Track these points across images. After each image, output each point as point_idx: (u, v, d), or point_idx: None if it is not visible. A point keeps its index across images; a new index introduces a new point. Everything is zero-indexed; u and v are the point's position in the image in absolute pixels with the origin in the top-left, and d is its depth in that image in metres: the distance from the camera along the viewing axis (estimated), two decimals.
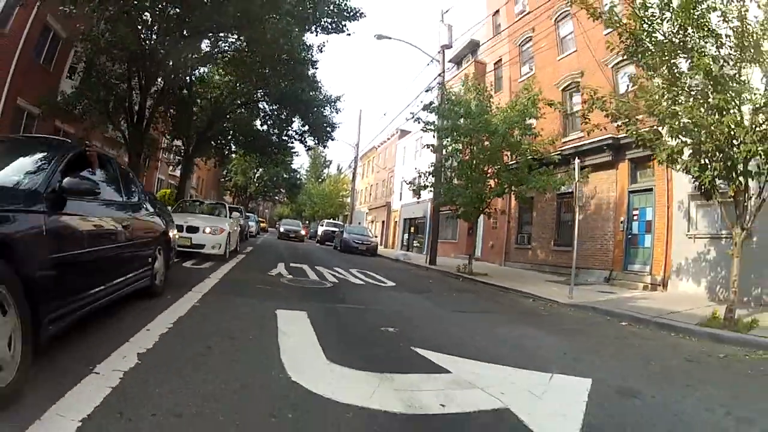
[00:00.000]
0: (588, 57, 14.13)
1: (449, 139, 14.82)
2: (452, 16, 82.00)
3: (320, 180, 61.47)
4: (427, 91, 19.72)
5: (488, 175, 13.93)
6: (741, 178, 6.43)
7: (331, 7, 13.81)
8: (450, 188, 14.46)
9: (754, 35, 6.17)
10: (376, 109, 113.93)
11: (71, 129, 15.23)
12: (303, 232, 30.36)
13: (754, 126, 6.13)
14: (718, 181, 6.80)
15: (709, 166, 6.62)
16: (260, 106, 21.51)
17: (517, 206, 17.97)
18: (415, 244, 30.20)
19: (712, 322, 6.55)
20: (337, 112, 22.14)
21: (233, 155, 30.84)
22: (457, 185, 14.36)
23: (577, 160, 9.91)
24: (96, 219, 3.25)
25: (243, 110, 21.55)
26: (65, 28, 13.89)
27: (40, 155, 2.95)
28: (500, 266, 18.10)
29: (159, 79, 14.62)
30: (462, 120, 13.68)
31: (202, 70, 19.03)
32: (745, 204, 6.69)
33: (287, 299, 6.14)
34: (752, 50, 6.23)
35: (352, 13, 14.42)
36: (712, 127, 6.14)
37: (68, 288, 2.67)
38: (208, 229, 9.52)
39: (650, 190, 12.56)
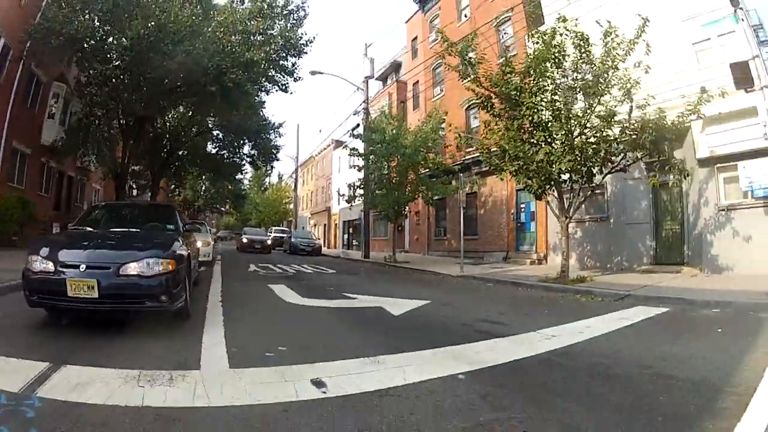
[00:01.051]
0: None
1: (372, 157, 18.50)
2: (379, 40, 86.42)
3: (263, 189, 63.34)
4: (354, 113, 23.41)
5: (403, 184, 17.79)
6: (555, 187, 10.35)
7: (286, 61, 16.80)
8: (374, 197, 18.25)
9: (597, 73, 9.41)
10: (312, 126, 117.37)
11: (54, 163, 17.70)
12: (269, 242, 25.47)
13: (564, 152, 9.81)
14: (547, 188, 10.56)
15: (532, 181, 10.42)
16: (213, 132, 24.22)
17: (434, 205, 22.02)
18: (354, 243, 33.83)
19: (549, 280, 9.99)
20: (279, 136, 25.34)
21: (189, 176, 32.91)
22: (379, 194, 18.17)
23: (460, 174, 13.90)
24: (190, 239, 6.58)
25: (198, 137, 24.12)
26: (46, 74, 16.17)
27: (168, 212, 6.35)
28: (423, 255, 22.09)
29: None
30: (379, 145, 17.46)
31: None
32: (570, 201, 10.54)
33: (270, 281, 9.62)
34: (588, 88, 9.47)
35: (300, 55, 17.27)
36: (534, 157, 9.93)
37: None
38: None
39: None
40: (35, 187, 16.82)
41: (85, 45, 13.30)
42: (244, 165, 27.05)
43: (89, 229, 5.58)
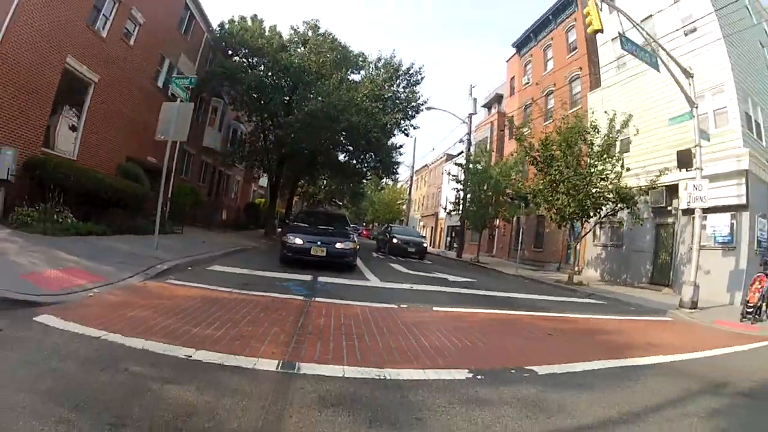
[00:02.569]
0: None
1: (469, 183, 24.73)
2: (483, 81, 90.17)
3: (380, 188, 71.70)
4: (460, 141, 29.67)
5: (489, 204, 23.76)
6: (568, 221, 15.97)
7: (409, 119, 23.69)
8: (467, 212, 24.46)
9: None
10: (427, 140, 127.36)
11: (209, 160, 26.35)
12: (426, 244, 23.59)
13: (571, 203, 15.50)
14: (567, 221, 16.23)
15: (554, 217, 16.11)
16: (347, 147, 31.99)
17: (517, 221, 27.51)
18: (454, 245, 39.99)
19: (561, 282, 15.93)
20: (400, 155, 32.43)
21: (321, 177, 41.40)
22: (471, 210, 24.34)
23: (520, 201, 19.60)
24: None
25: (332, 149, 31.88)
26: (207, 93, 23.45)
27: (343, 217, 13.83)
28: (503, 260, 27.69)
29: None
30: (473, 175, 23.65)
31: None
32: (579, 230, 16.15)
33: (391, 261, 16.47)
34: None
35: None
36: (555, 203, 15.68)
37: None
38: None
39: None
40: (196, 178, 24.86)
41: (273, 118, 21.47)
42: (368, 174, 34.56)
43: (305, 225, 12.70)
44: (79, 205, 11.37)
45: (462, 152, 27.37)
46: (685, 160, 12.63)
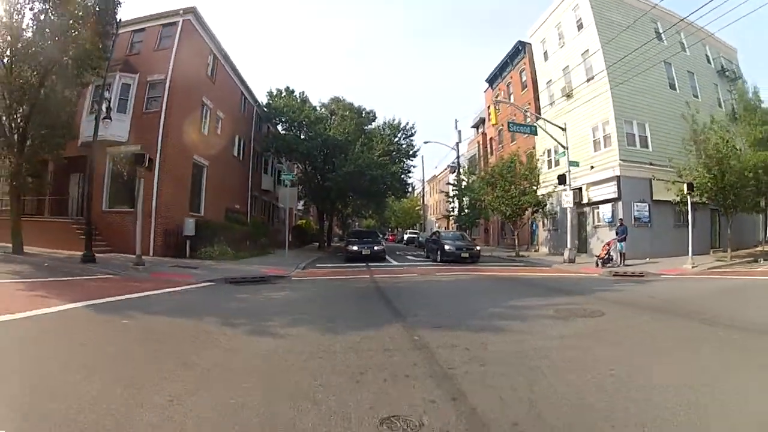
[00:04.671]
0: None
1: (458, 195, 34.07)
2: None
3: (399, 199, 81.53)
4: (451, 165, 38.92)
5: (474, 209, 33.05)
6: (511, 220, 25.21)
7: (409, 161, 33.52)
8: (459, 216, 33.78)
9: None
10: (433, 157, 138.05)
11: (265, 198, 36.29)
12: (479, 248, 22.78)
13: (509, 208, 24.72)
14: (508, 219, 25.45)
15: (497, 217, 25.39)
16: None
17: (498, 219, 36.63)
18: None
19: (512, 256, 25.17)
20: (410, 178, 42.16)
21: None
22: (462, 215, 33.65)
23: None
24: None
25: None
26: (260, 148, 34.18)
27: (376, 233, 23.36)
28: (494, 247, 36.71)
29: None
30: (460, 190, 33.03)
31: None
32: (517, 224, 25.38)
33: (400, 251, 25.96)
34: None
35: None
36: (500, 208, 24.96)
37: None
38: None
39: None
40: (260, 212, 34.81)
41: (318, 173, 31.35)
42: (387, 194, 44.34)
43: (355, 239, 22.45)
44: (228, 242, 21.03)
45: (455, 169, 36.62)
46: (561, 180, 21.61)
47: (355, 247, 20.46)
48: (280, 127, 33.37)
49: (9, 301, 6.78)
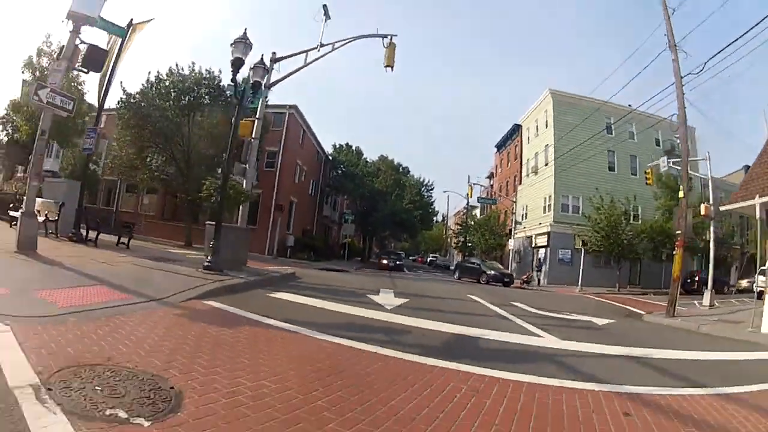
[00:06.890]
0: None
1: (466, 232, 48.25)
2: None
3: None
4: (465, 209, 53.12)
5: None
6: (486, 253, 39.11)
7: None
8: (464, 246, 47.96)
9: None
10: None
11: (325, 222, 51.36)
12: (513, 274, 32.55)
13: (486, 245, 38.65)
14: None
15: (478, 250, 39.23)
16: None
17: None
18: None
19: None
20: (435, 214, 56.60)
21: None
22: (469, 244, 47.81)
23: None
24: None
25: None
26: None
27: (400, 253, 38.01)
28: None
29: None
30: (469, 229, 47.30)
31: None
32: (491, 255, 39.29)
33: (408, 269, 40.35)
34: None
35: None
36: (482, 244, 38.95)
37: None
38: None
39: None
40: (321, 231, 49.61)
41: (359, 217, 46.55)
42: (416, 226, 58.86)
43: (386, 255, 37.37)
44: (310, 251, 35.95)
45: (466, 212, 50.85)
46: (508, 234, 35.57)
47: (385, 261, 34.90)
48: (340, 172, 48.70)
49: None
